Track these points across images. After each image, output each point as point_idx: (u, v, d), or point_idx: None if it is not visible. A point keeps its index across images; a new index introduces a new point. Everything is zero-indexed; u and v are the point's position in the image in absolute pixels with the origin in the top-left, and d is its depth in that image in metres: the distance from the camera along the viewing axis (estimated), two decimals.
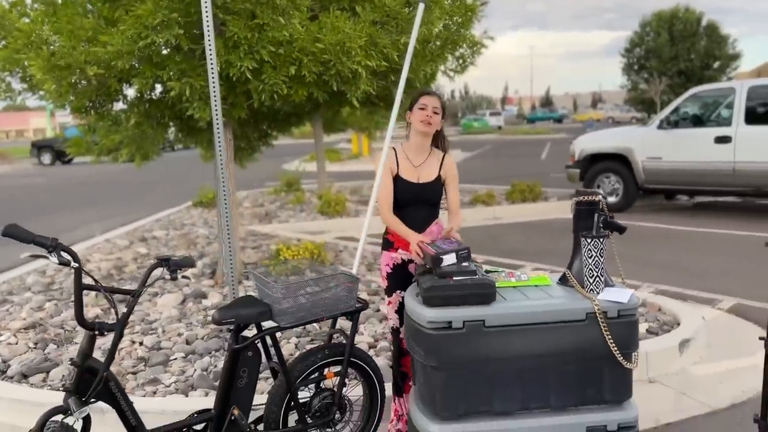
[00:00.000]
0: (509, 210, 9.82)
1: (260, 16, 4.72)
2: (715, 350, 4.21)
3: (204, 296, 5.31)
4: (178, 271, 2.46)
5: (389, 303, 3.04)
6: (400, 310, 2.93)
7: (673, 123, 9.07)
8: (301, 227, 8.96)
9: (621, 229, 2.62)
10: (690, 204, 10.40)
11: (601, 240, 2.48)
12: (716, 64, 39.14)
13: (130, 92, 5.70)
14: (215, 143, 3.94)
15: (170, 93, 4.93)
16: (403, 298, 2.88)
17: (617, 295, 2.45)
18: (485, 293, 2.39)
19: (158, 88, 5.64)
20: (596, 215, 2.57)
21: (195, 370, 3.84)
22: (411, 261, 2.90)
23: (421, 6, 3.17)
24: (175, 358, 4.04)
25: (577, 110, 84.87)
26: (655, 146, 9.15)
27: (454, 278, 2.43)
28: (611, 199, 9.62)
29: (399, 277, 2.94)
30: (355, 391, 2.96)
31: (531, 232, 8.40)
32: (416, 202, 2.92)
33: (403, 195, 2.93)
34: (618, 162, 9.52)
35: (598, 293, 2.48)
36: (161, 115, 5.83)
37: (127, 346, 4.26)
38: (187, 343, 4.30)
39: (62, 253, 2.13)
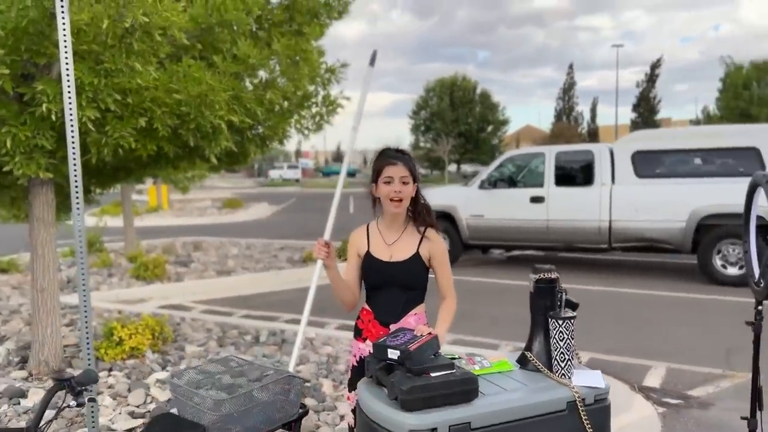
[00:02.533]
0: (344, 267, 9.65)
1: (109, 60, 4.05)
2: None
3: (22, 395, 4.26)
4: (85, 392, 1.83)
5: (348, 399, 2.62)
6: None
7: (492, 183, 9.71)
8: (117, 296, 7.86)
9: (575, 306, 2.53)
10: (504, 257, 11.16)
11: (572, 321, 2.36)
12: (490, 128, 43.85)
13: None
14: (72, 198, 3.20)
15: None
16: None
17: (591, 379, 2.33)
18: (469, 389, 2.11)
19: None
20: (560, 294, 2.45)
21: None
22: None
23: (370, 69, 2.87)
24: None
25: (367, 165, 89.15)
26: (478, 205, 9.70)
27: (433, 374, 2.12)
28: None
29: (364, 375, 2.53)
30: None
31: None
32: (388, 284, 2.55)
33: (372, 275, 2.57)
34: (444, 219, 9.90)
35: (569, 377, 2.33)
36: None
37: None
38: None
39: None
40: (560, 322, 2.33)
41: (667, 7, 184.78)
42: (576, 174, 9.30)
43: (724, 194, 7.97)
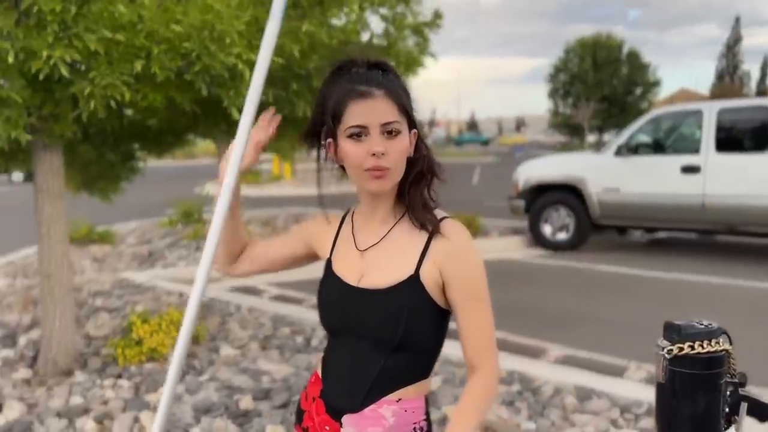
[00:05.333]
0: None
1: None
2: None
3: None
4: None
5: None
6: None
7: (632, 149, 7.88)
8: (190, 274, 7.13)
9: (764, 412, 1.09)
10: (644, 240, 9.27)
11: None
12: (638, 91, 39.79)
13: None
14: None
15: None
16: None
17: None
18: None
19: None
20: (731, 388, 1.04)
21: None
22: None
23: None
24: None
25: (502, 133, 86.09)
26: (612, 176, 7.93)
27: None
28: (561, 236, 8.34)
29: None
30: None
31: None
32: (349, 332, 1.31)
33: (326, 309, 1.37)
34: (569, 193, 8.24)
35: None
36: None
37: None
38: None
39: None
40: None
41: None
42: (744, 137, 7.27)
43: None
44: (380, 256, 1.29)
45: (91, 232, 9.05)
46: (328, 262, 1.37)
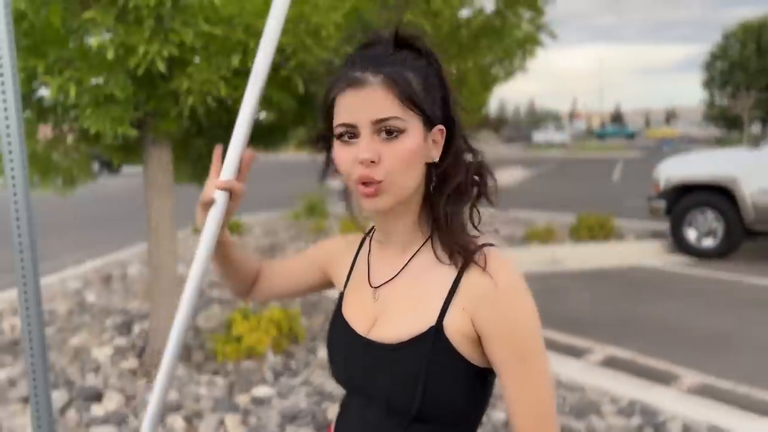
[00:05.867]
0: (574, 252, 7.73)
1: None
2: None
3: (97, 397, 3.56)
4: None
5: None
6: None
7: None
8: None
9: None
10: None
11: None
12: None
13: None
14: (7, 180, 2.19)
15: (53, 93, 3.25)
16: None
17: None
18: None
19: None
20: None
21: None
22: None
23: None
24: None
25: (650, 126, 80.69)
26: None
27: None
28: (707, 243, 7.44)
29: None
30: None
31: (601, 288, 6.34)
32: (359, 393, 1.04)
33: (334, 361, 1.11)
34: (717, 194, 7.33)
35: None
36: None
37: None
38: None
39: None
40: None
41: None
42: None
43: None
44: (395, 297, 1.01)
45: None
46: (341, 298, 1.11)
